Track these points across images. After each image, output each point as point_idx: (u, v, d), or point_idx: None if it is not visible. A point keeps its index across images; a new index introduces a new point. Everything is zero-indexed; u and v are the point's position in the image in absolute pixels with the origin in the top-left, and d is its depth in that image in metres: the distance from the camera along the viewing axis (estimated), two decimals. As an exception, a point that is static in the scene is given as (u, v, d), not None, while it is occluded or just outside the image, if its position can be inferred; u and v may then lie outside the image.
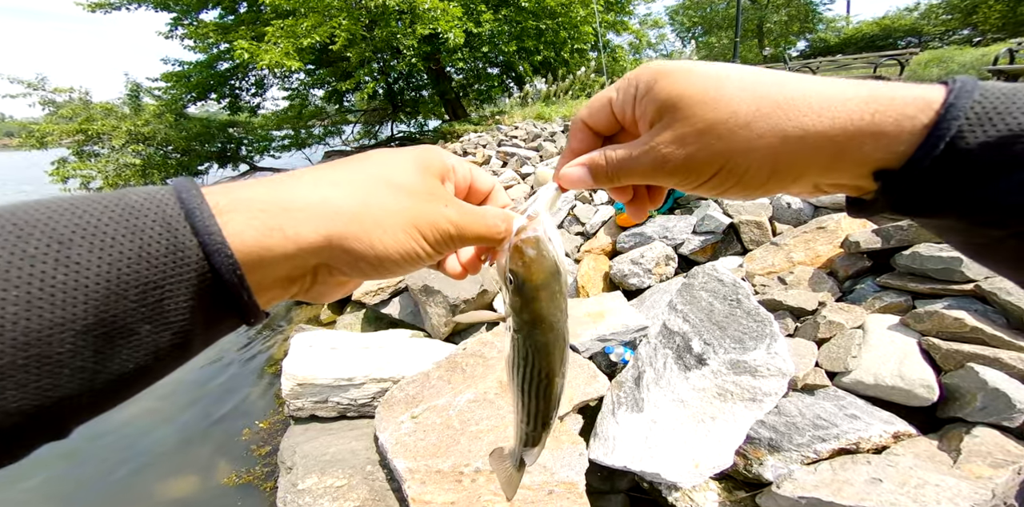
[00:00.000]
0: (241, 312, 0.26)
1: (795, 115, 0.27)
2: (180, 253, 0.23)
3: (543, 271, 0.37)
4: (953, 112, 0.24)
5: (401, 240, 0.30)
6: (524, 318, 0.38)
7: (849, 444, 1.68)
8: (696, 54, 21.91)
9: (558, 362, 0.41)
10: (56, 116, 9.17)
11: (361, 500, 1.80)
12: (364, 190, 0.30)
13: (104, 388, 0.22)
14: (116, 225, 0.22)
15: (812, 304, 2.21)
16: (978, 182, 0.24)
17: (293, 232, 0.27)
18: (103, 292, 0.21)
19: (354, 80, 8.33)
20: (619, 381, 2.04)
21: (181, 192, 0.24)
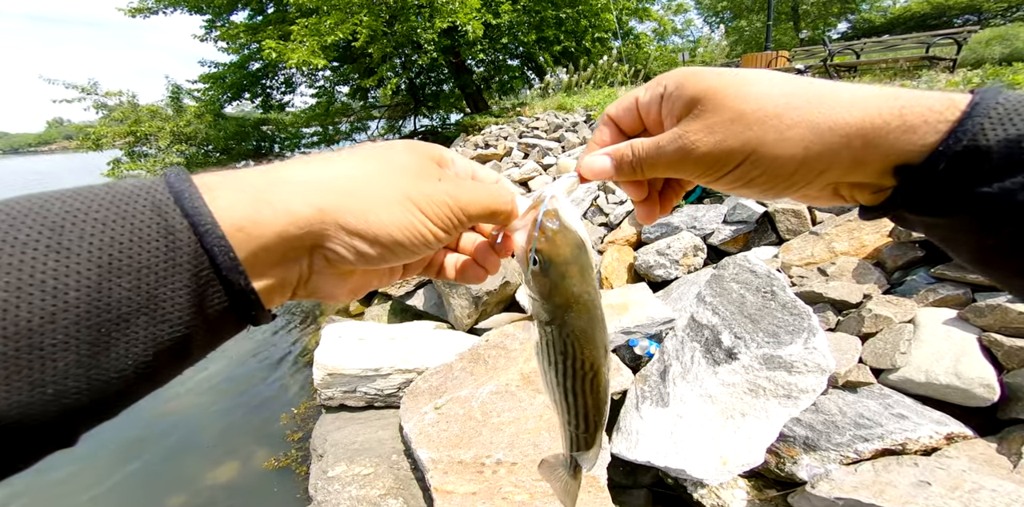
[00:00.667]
0: (240, 303, 0.25)
1: (826, 108, 0.27)
2: (171, 236, 0.22)
3: (569, 244, 0.34)
4: (978, 110, 0.24)
5: (398, 215, 0.29)
6: (556, 302, 0.35)
7: (895, 445, 1.58)
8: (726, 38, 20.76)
9: (602, 348, 0.37)
10: (109, 119, 9.74)
11: (386, 488, 1.84)
12: (357, 167, 0.29)
13: (104, 386, 0.21)
14: (107, 211, 0.21)
15: (856, 297, 2.07)
16: (993, 177, 0.24)
17: (282, 205, 0.25)
18: (95, 278, 0.20)
19: (377, 76, 8.41)
20: (643, 375, 1.99)
21: (170, 177, 0.24)
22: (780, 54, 9.25)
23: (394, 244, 0.29)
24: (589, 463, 0.44)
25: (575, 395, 0.38)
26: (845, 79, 5.92)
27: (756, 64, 9.34)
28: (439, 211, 0.30)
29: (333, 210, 0.27)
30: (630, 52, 11.35)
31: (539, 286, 0.35)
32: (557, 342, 0.36)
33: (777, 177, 0.29)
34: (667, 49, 15.40)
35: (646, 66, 11.28)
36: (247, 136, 10.64)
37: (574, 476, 0.46)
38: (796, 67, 6.57)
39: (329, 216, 0.27)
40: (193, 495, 2.55)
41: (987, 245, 0.26)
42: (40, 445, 0.21)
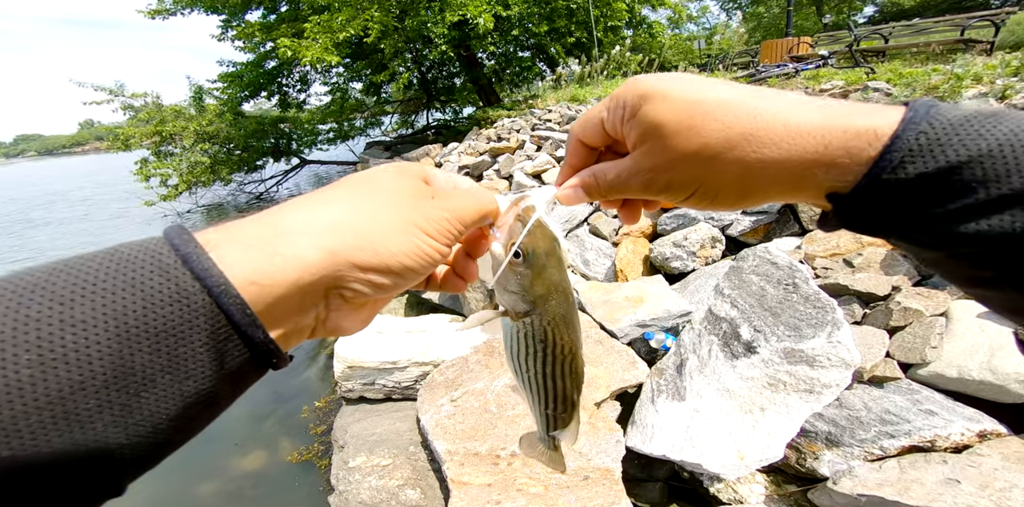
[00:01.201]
0: (260, 354, 0.25)
1: (759, 147, 0.29)
2: (185, 300, 0.23)
3: (547, 237, 0.37)
4: (897, 144, 0.26)
5: (404, 242, 0.30)
6: (538, 292, 0.37)
7: (923, 442, 1.53)
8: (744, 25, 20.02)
9: (578, 330, 0.40)
10: (136, 120, 10.02)
11: (404, 479, 1.88)
12: (355, 202, 0.30)
13: (142, 440, 0.22)
14: (114, 280, 0.22)
15: (884, 289, 2.00)
16: (914, 209, 0.26)
17: (292, 254, 0.26)
18: (115, 347, 0.21)
19: (389, 71, 8.41)
20: (659, 368, 1.97)
21: (173, 239, 0.24)
22: (802, 40, 8.92)
23: (405, 270, 0.30)
24: (571, 438, 0.46)
25: (554, 379, 0.40)
26: (874, 64, 5.68)
27: (776, 51, 9.04)
28: (440, 228, 0.32)
29: (343, 251, 0.27)
30: (643, 41, 11.09)
31: (521, 278, 0.37)
32: (537, 331, 0.38)
33: (725, 203, 0.33)
34: (682, 37, 14.99)
35: (660, 55, 11.00)
36: (266, 134, 10.82)
37: (555, 449, 0.49)
38: (820, 53, 6.32)
39: (340, 257, 0.27)
40: (224, 483, 2.65)
41: (923, 259, 0.29)
42: (92, 497, 0.22)
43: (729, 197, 0.33)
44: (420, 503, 1.80)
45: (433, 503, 1.79)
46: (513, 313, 0.39)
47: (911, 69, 4.47)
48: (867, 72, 4.93)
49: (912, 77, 4.02)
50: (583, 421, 1.71)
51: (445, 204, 0.33)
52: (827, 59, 6.01)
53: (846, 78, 4.78)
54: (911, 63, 5.39)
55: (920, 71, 4.20)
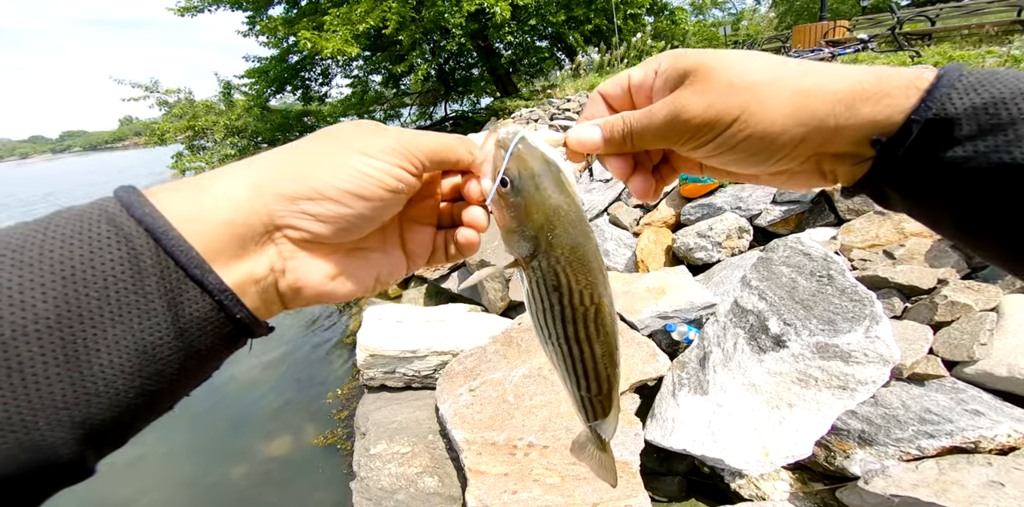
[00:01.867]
0: (221, 306, 0.24)
1: (812, 76, 0.29)
2: (130, 242, 0.22)
3: (536, 157, 0.32)
4: (943, 81, 0.26)
5: (338, 165, 0.28)
6: (536, 221, 0.32)
7: (966, 442, 1.45)
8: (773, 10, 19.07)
9: (599, 271, 0.33)
10: (170, 115, 10.42)
11: (423, 467, 1.90)
12: (298, 146, 0.30)
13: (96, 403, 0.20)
14: (64, 228, 0.22)
15: (929, 282, 1.89)
16: (961, 143, 0.25)
17: (221, 192, 0.26)
18: (60, 289, 0.20)
19: (407, 62, 8.44)
20: (681, 361, 1.91)
21: (118, 191, 0.24)
22: (839, 24, 8.45)
23: (341, 194, 0.28)
24: (610, 431, 0.40)
25: (579, 344, 0.34)
26: (919, 48, 5.33)
27: (809, 36, 8.60)
28: (386, 152, 0.29)
29: (268, 183, 0.27)
30: (665, 28, 10.77)
31: (513, 209, 0.32)
32: (548, 276, 0.32)
33: (762, 141, 0.30)
34: (706, 24, 14.45)
35: (683, 42, 10.65)
36: (291, 127, 11.08)
37: (603, 449, 0.43)
38: (859, 37, 5.97)
39: (266, 190, 0.26)
40: (253, 466, 2.75)
41: (964, 214, 0.27)
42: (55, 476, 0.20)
43: (770, 133, 0.29)
44: (438, 491, 1.82)
45: (450, 491, 1.81)
46: (522, 261, 0.33)
47: (962, 52, 4.18)
48: (912, 56, 4.63)
49: (964, 60, 3.76)
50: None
51: (398, 135, 0.31)
52: (867, 43, 5.68)
53: (888, 62, 4.51)
54: (962, 45, 5.03)
55: (973, 54, 3.92)
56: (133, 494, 2.63)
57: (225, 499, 2.54)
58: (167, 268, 0.23)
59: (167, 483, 2.70)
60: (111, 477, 2.74)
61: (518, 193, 0.32)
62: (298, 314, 4.55)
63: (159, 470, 2.81)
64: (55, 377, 0.19)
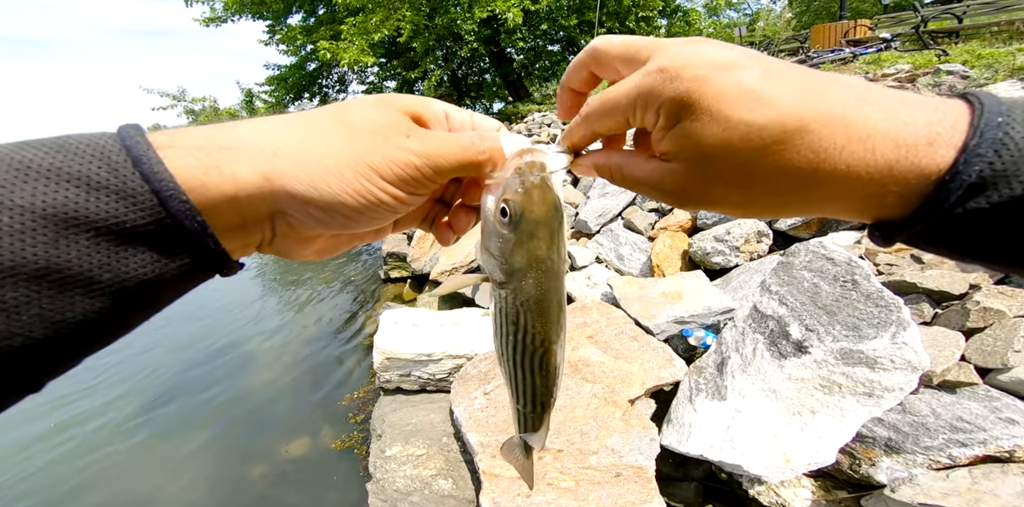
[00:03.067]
0: (211, 260, 0.25)
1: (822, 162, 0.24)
2: (131, 199, 0.22)
3: (546, 203, 0.31)
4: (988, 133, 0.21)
5: (349, 179, 0.27)
6: (516, 263, 0.32)
7: (1000, 452, 1.40)
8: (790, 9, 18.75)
9: (556, 325, 0.34)
10: (196, 123, 10.74)
11: (437, 469, 1.91)
12: (311, 129, 0.27)
13: (69, 336, 0.21)
14: (59, 170, 0.21)
15: (960, 287, 1.83)
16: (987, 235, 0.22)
17: (229, 171, 0.24)
18: (51, 235, 0.20)
19: (421, 69, 8.57)
20: (698, 366, 1.89)
21: (125, 138, 0.23)
22: (859, 23, 8.26)
23: (349, 211, 0.27)
24: (537, 443, 0.42)
25: (523, 371, 0.35)
26: (946, 46, 5.18)
27: (829, 35, 8.44)
28: (401, 172, 0.28)
29: (279, 177, 0.25)
30: (679, 30, 10.70)
31: (502, 242, 0.32)
32: (510, 310, 0.33)
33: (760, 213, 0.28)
34: (721, 24, 14.27)
35: (697, 44, 10.55)
36: (308, 134, 11.30)
37: (527, 456, 0.45)
38: (881, 36, 5.82)
39: (276, 184, 0.25)
40: (270, 467, 2.79)
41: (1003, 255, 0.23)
42: (7, 392, 0.21)
43: (764, 210, 0.27)
44: (452, 493, 1.83)
45: (464, 493, 1.81)
46: (491, 280, 0.34)
47: (992, 49, 4.04)
48: (938, 54, 4.50)
49: (994, 58, 3.63)
50: (616, 417, 1.68)
51: (418, 146, 0.28)
52: (890, 42, 5.54)
53: (913, 61, 4.38)
54: (991, 43, 4.87)
55: (1003, 52, 3.78)
56: (153, 490, 2.69)
57: (242, 498, 2.58)
58: (165, 227, 0.23)
59: (186, 480, 2.76)
60: (133, 472, 2.82)
61: (513, 229, 0.31)
62: (319, 319, 4.63)
63: (179, 467, 2.88)
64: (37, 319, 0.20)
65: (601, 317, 2.12)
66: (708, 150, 0.24)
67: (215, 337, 4.58)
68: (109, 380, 3.89)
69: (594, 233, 3.45)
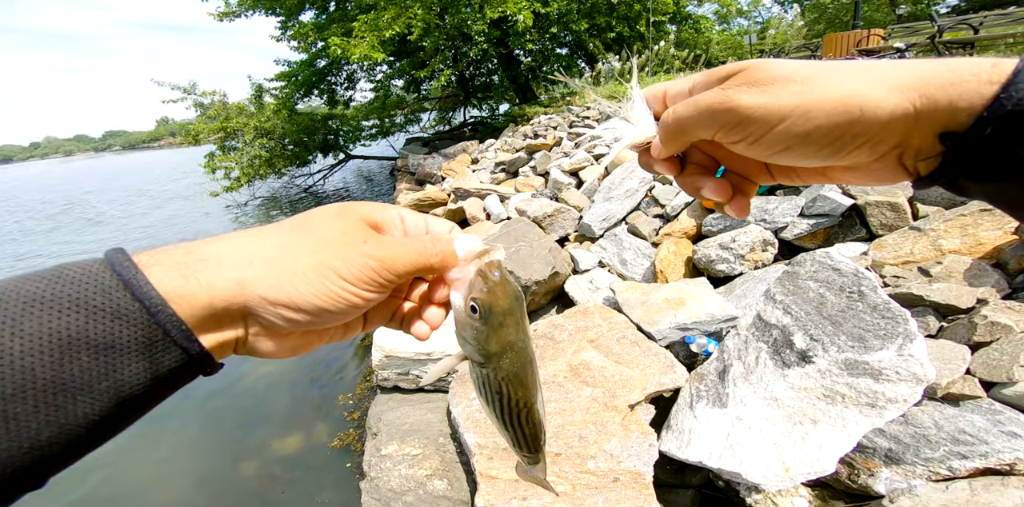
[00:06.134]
0: (195, 363, 0.28)
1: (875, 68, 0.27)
2: (124, 318, 0.25)
3: (509, 296, 0.36)
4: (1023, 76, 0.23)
5: (315, 282, 0.30)
6: (492, 349, 0.37)
7: (1000, 464, 1.40)
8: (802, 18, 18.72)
9: (534, 388, 0.40)
10: (204, 116, 10.81)
11: (433, 469, 1.89)
12: (279, 239, 0.31)
13: (73, 438, 0.24)
14: (60, 300, 0.24)
15: (968, 301, 1.81)
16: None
17: (205, 280, 0.28)
18: (57, 356, 0.23)
19: (429, 69, 8.57)
20: (700, 373, 1.87)
21: (114, 264, 0.27)
22: (873, 32, 8.24)
23: (318, 310, 0.30)
24: (541, 474, 0.49)
25: (512, 426, 0.41)
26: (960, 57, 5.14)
27: (841, 44, 8.41)
28: (360, 274, 0.31)
29: (252, 283, 0.29)
30: (688, 37, 10.70)
31: (476, 333, 0.36)
32: (492, 383, 0.38)
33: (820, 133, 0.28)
34: (732, 33, 14.24)
35: (707, 51, 10.55)
36: (316, 130, 11.35)
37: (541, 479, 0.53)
38: (895, 46, 5.80)
39: (248, 289, 0.29)
40: (263, 464, 2.78)
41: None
42: (13, 491, 0.24)
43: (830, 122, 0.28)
44: (447, 494, 1.81)
45: (459, 495, 1.79)
46: (471, 360, 0.39)
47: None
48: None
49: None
50: (615, 422, 1.66)
51: (375, 251, 0.32)
52: (903, 52, 5.52)
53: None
54: (1006, 54, 4.85)
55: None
56: (144, 486, 2.69)
57: (235, 495, 2.57)
58: (155, 337, 0.26)
59: (178, 477, 2.75)
60: (124, 469, 2.81)
61: (485, 323, 0.35)
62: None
63: (171, 464, 2.87)
64: (44, 425, 0.23)
65: (603, 321, 2.11)
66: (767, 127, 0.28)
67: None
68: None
69: (598, 237, 3.43)
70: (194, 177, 14.48)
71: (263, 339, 0.32)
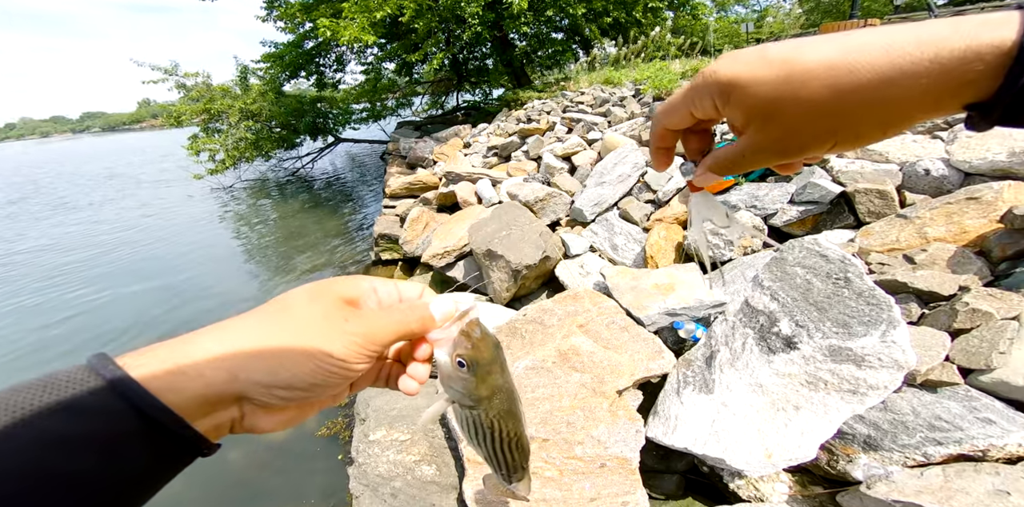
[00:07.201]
0: (191, 447, 0.30)
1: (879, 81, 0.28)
2: (116, 415, 0.27)
3: (491, 348, 0.39)
4: None
5: (307, 364, 0.32)
6: (481, 394, 0.40)
7: (974, 451, 1.42)
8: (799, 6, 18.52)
9: (521, 420, 0.44)
10: (187, 98, 10.48)
11: (421, 455, 1.90)
12: (263, 327, 0.32)
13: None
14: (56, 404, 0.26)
15: (950, 288, 1.83)
16: None
17: (197, 373, 0.29)
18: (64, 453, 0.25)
19: (422, 52, 8.33)
20: (687, 359, 1.88)
21: (98, 369, 0.28)
22: (869, 22, 8.17)
23: (311, 386, 0.32)
24: (526, 490, 0.53)
25: (503, 454, 0.44)
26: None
27: (838, 32, 8.32)
28: (348, 352, 0.33)
29: (244, 373, 0.30)
30: (685, 23, 10.54)
31: (465, 383, 0.39)
32: (484, 421, 0.41)
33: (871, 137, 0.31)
34: (729, 20, 14.10)
35: (703, 38, 10.43)
36: (305, 113, 11.08)
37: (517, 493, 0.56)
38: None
39: (241, 377, 0.30)
40: (250, 450, 2.77)
41: None
42: None
43: (872, 133, 0.30)
44: (435, 479, 1.82)
45: (448, 480, 1.80)
46: (459, 405, 0.42)
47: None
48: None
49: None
50: (603, 408, 1.67)
51: (358, 328, 0.34)
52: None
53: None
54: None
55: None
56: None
57: (223, 482, 2.56)
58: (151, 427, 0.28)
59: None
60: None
61: (473, 374, 0.39)
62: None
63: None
64: None
65: (593, 306, 2.10)
66: (766, 104, 0.30)
67: (196, 316, 4.53)
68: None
69: (589, 222, 3.42)
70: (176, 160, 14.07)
71: (259, 415, 0.33)
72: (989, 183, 2.19)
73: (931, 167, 2.45)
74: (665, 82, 4.93)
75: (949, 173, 2.41)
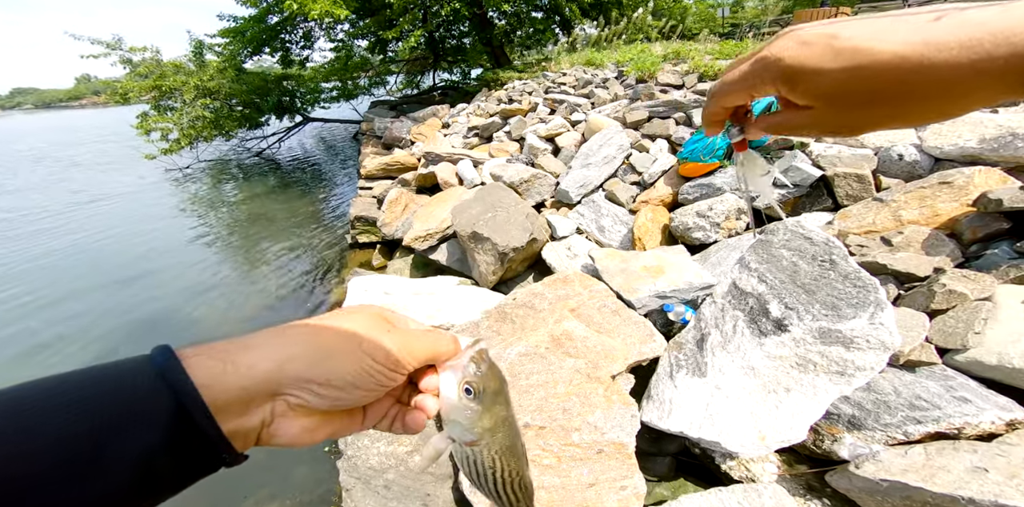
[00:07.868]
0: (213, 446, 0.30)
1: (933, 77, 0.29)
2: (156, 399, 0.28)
3: (497, 378, 0.41)
4: None
5: (349, 362, 0.34)
6: (486, 425, 0.40)
7: (950, 429, 1.48)
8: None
9: (524, 457, 0.44)
10: (134, 74, 9.69)
11: (412, 445, 1.85)
12: (313, 330, 0.35)
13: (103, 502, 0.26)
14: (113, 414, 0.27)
15: (925, 270, 1.89)
16: None
17: (245, 363, 0.31)
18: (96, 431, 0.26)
19: (397, 28, 7.93)
20: (678, 342, 1.89)
21: (155, 356, 0.30)
22: (840, 10, 8.30)
23: (347, 385, 0.34)
24: None
25: (505, 492, 0.44)
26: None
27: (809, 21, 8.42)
28: (388, 357, 0.35)
29: (292, 364, 0.32)
30: (664, 5, 10.48)
31: (471, 413, 0.39)
32: (485, 459, 0.41)
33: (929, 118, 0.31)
34: (707, 4, 14.11)
35: (682, 21, 10.41)
36: (270, 91, 10.48)
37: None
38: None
39: (287, 369, 0.32)
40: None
41: None
42: None
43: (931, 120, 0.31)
44: (429, 470, 1.78)
45: (442, 470, 1.77)
46: (459, 442, 0.42)
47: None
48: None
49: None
50: (599, 394, 1.65)
51: (399, 339, 0.36)
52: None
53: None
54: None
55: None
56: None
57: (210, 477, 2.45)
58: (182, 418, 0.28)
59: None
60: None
61: (480, 402, 0.39)
62: (281, 285, 4.38)
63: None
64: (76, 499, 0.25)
65: (584, 289, 2.07)
66: (831, 91, 0.31)
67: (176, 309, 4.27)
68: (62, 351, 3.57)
69: (575, 203, 3.37)
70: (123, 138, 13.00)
71: (286, 419, 0.34)
72: (960, 168, 2.26)
73: (904, 152, 2.51)
74: (648, 64, 4.87)
75: (921, 158, 2.48)
